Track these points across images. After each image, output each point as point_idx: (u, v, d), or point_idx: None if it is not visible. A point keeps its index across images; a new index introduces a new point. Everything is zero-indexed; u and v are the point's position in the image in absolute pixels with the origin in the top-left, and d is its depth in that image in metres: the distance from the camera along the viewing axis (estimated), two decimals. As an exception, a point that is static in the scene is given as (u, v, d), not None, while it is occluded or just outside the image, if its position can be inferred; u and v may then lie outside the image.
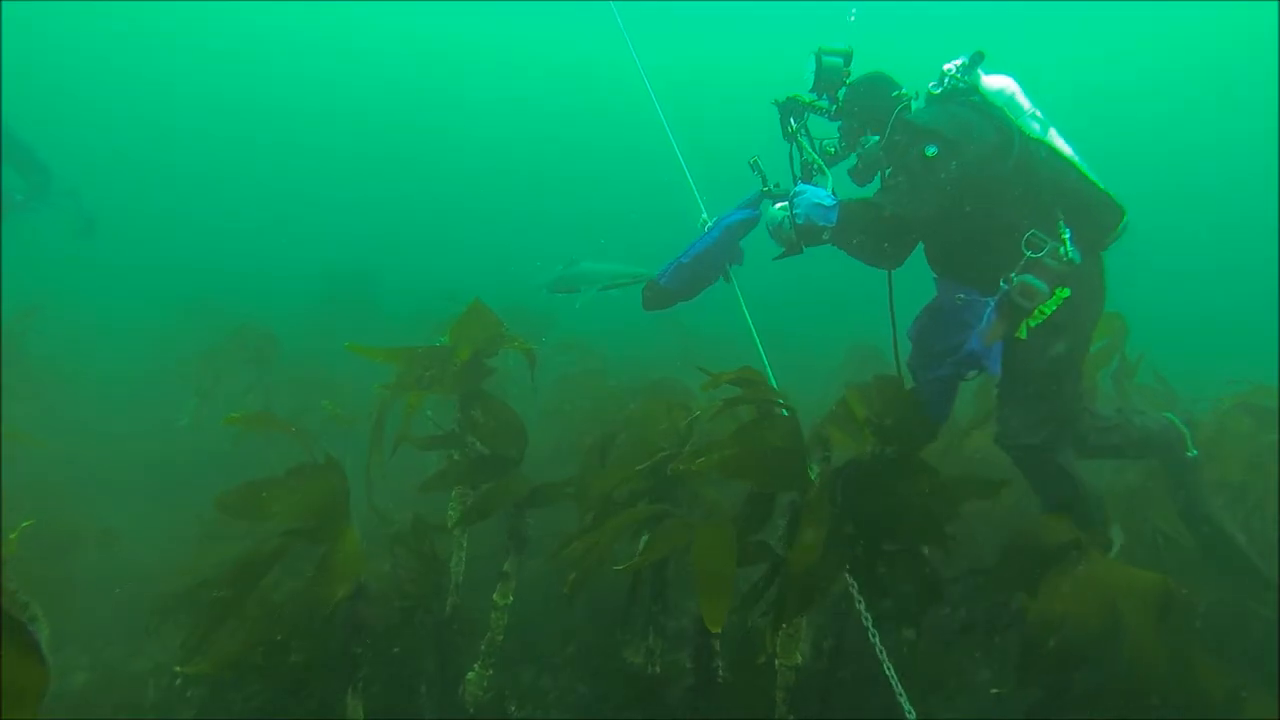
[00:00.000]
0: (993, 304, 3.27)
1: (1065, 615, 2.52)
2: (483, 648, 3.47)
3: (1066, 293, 3.28)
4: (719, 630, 2.37)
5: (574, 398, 6.81)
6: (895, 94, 3.62)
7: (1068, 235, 3.29)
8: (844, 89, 3.67)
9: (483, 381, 3.77)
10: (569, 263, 4.01)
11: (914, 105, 3.57)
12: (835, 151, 3.76)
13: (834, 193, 3.54)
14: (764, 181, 3.67)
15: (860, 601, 2.74)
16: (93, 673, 3.84)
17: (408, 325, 9.20)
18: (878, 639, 2.70)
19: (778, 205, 3.47)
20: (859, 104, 3.66)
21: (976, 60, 3.42)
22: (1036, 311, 3.28)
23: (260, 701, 2.52)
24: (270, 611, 2.49)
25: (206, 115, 42.02)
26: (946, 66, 3.50)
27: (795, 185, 3.57)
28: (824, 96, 3.69)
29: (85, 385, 8.57)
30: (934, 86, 3.52)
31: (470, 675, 3.43)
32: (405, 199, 41.45)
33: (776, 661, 2.89)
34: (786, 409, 3.09)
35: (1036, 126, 3.41)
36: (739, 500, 3.07)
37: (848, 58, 3.66)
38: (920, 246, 3.64)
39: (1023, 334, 3.31)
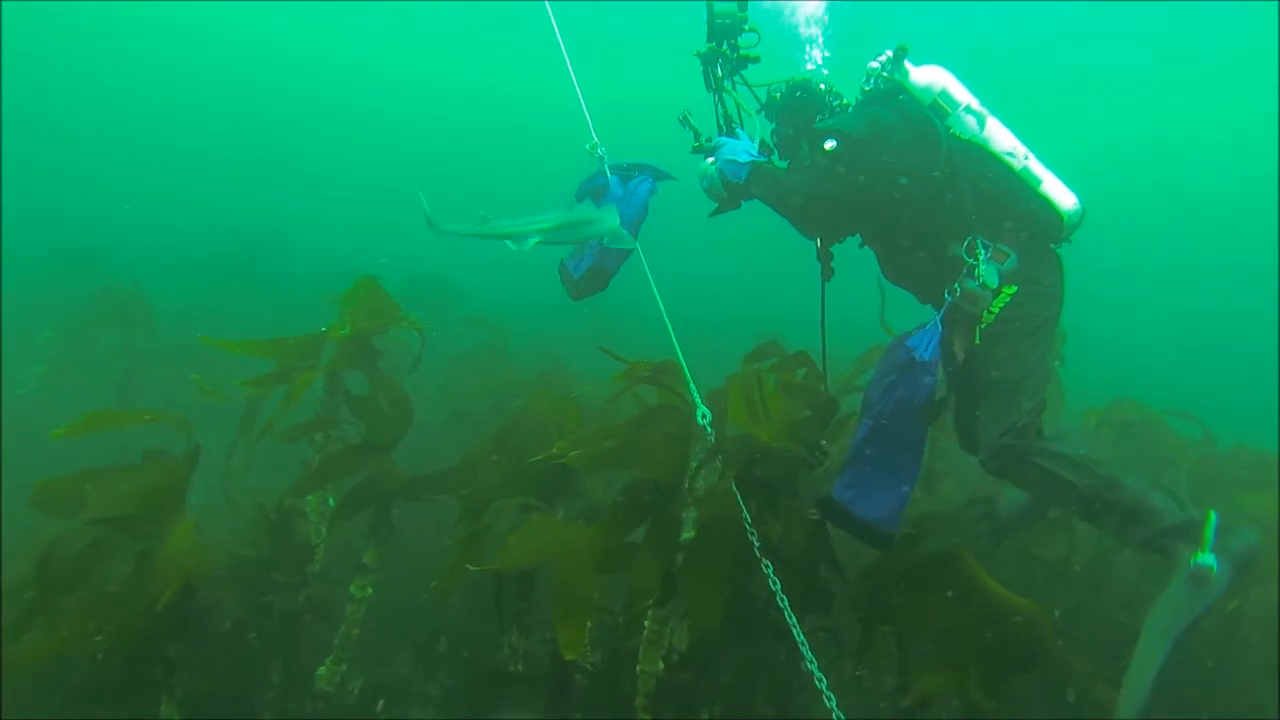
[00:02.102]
0: (939, 318, 3.10)
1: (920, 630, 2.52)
2: (336, 642, 3.34)
3: (1014, 289, 3.13)
4: (574, 657, 2.26)
5: (472, 379, 6.61)
6: (833, 103, 3.46)
7: (982, 255, 3.13)
8: (747, 33, 3.47)
9: (370, 365, 3.59)
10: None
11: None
12: (768, 100, 3.59)
13: (763, 144, 3.43)
14: (695, 137, 3.53)
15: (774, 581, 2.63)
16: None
17: (319, 290, 8.67)
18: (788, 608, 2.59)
19: (709, 160, 3.38)
20: (791, 118, 3.50)
21: (901, 55, 3.21)
22: (986, 315, 3.13)
23: (74, 707, 2.32)
24: (88, 609, 2.28)
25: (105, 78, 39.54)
26: (872, 65, 3.30)
27: (716, 138, 3.46)
28: (724, 45, 3.48)
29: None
30: (865, 85, 3.37)
31: (321, 670, 3.28)
32: (328, 165, 40.01)
33: (638, 667, 2.84)
34: (682, 399, 3.01)
35: (972, 122, 3.20)
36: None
37: (743, 3, 3.43)
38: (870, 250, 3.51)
39: (976, 339, 3.17)
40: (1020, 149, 3.22)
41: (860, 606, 2.79)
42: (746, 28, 3.47)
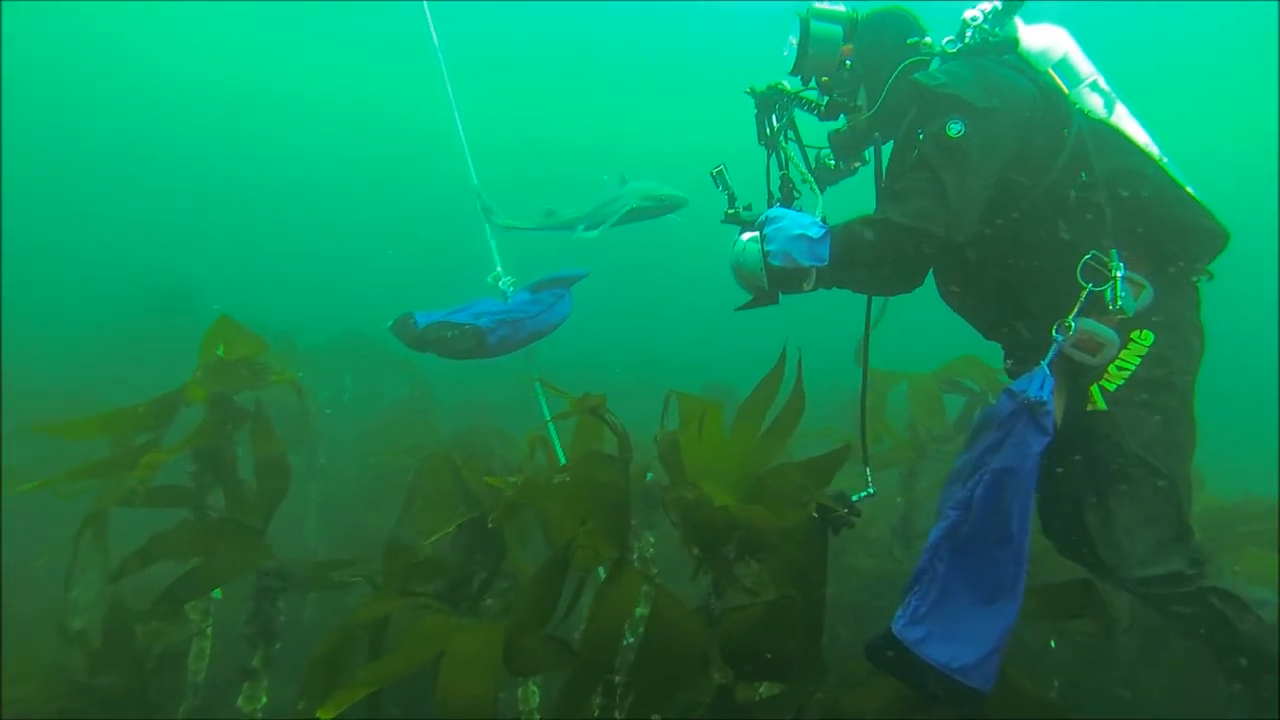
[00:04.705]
0: (1047, 362, 2.25)
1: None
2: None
3: (1150, 338, 2.33)
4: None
5: (394, 431, 6.10)
6: (911, 40, 2.60)
7: (1121, 272, 2.28)
8: (843, 69, 2.68)
9: (236, 430, 3.01)
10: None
11: (933, 66, 2.51)
12: (835, 166, 2.80)
13: (823, 219, 2.44)
14: (730, 201, 2.57)
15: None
16: None
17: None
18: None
19: (746, 236, 2.44)
20: (862, 45, 2.68)
21: (1012, 6, 2.41)
22: (1113, 369, 2.31)
23: None
24: None
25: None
26: (969, 14, 2.48)
27: (769, 209, 2.50)
28: (811, 82, 2.72)
29: None
30: (950, 43, 2.52)
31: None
32: (250, 209, 38.48)
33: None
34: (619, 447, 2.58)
35: (1098, 102, 2.44)
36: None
37: (850, 27, 2.64)
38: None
39: (1100, 403, 2.30)
40: (1154, 148, 2.45)
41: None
42: (848, 64, 2.66)
